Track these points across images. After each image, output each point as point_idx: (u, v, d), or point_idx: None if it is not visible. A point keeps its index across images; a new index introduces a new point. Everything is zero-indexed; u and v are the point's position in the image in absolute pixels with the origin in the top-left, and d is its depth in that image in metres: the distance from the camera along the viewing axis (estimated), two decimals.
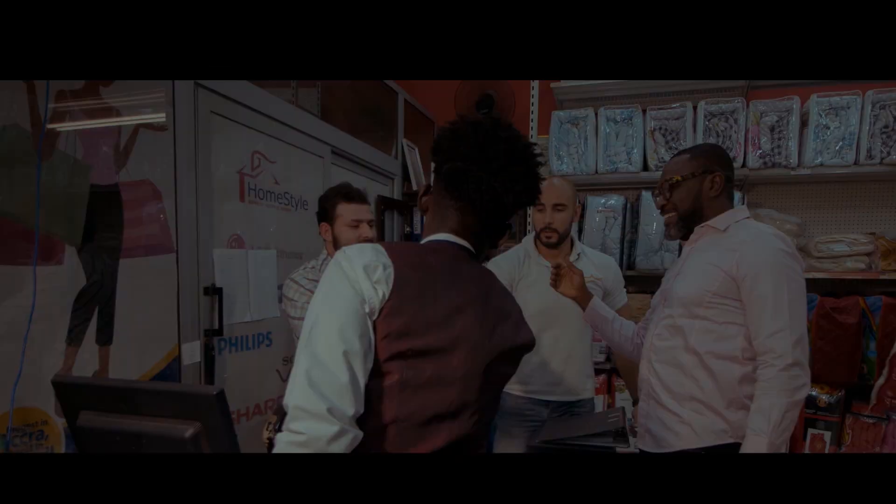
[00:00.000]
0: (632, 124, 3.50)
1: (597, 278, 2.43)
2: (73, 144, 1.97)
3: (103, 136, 2.01)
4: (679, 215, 1.87)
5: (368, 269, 1.01)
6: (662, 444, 1.81)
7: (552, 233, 2.36)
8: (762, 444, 1.57)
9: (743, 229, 1.77)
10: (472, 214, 1.17)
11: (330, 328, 0.96)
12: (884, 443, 3.08)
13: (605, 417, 2.19)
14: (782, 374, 1.59)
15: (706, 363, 1.73)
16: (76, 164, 1.97)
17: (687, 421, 1.75)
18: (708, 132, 3.36)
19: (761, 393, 1.62)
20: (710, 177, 1.81)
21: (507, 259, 2.53)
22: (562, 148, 3.63)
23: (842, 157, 3.16)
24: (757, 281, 1.65)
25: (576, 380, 2.44)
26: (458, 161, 1.13)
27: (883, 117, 3.11)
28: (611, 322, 2.12)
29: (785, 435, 1.60)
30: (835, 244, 3.15)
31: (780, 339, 1.61)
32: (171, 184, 1.95)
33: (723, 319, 1.71)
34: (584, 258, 2.47)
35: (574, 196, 2.39)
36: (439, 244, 1.17)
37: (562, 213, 2.34)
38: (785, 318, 1.61)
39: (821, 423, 3.16)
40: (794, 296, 1.63)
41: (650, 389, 1.87)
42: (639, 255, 3.47)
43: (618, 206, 3.50)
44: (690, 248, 1.88)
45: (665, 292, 1.89)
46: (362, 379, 0.97)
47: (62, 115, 1.95)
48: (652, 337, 1.88)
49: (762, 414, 1.59)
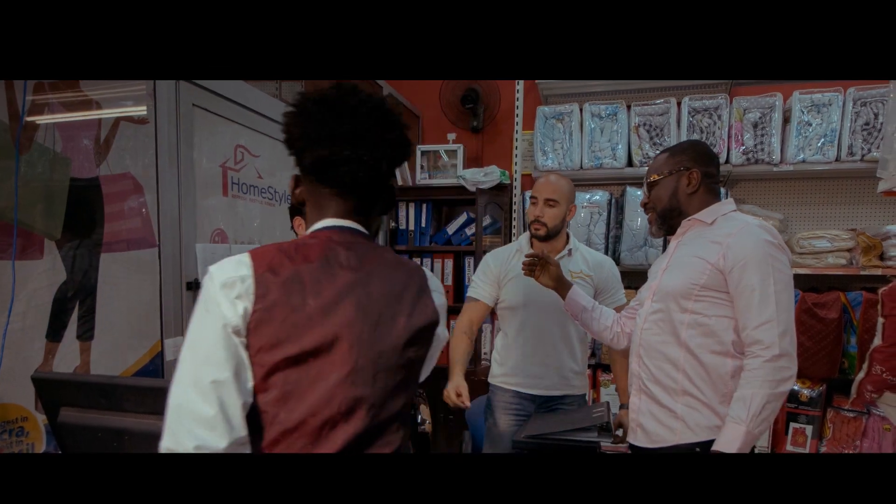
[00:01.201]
0: (616, 120, 3.51)
1: (586, 275, 2.44)
2: (52, 137, 1.94)
3: (83, 128, 1.98)
4: (657, 213, 1.90)
5: (226, 287, 0.96)
6: (655, 439, 1.81)
7: (541, 226, 2.38)
8: (739, 433, 1.59)
9: (729, 221, 1.78)
10: (351, 196, 1.12)
11: (196, 358, 0.93)
12: (864, 436, 3.12)
13: (590, 412, 2.20)
14: (768, 364, 1.60)
15: (698, 357, 1.73)
16: (56, 158, 1.94)
17: (680, 416, 1.76)
18: (692, 128, 3.37)
19: (745, 382, 1.63)
20: (685, 174, 1.83)
21: (499, 253, 2.56)
22: (547, 143, 3.63)
23: (823, 153, 3.19)
24: (744, 272, 1.66)
25: (562, 374, 2.45)
26: (318, 146, 1.05)
27: (864, 114, 3.14)
28: (590, 311, 2.13)
29: (763, 425, 1.61)
30: (816, 240, 3.18)
31: (766, 331, 1.62)
32: (152, 177, 1.93)
33: (712, 313, 1.72)
34: (576, 254, 2.48)
35: (569, 194, 2.40)
36: (315, 234, 1.11)
37: (553, 208, 2.37)
38: (772, 309, 1.62)
39: (802, 417, 3.19)
40: (781, 287, 1.64)
41: (641, 384, 1.88)
42: (623, 250, 3.48)
43: (602, 202, 3.51)
44: (677, 242, 1.89)
45: (653, 286, 1.89)
46: (238, 402, 0.93)
47: (41, 108, 1.92)
48: (641, 331, 1.88)
49: (743, 402, 1.60)
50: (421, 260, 3.94)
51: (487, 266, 2.53)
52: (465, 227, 3.88)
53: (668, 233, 1.93)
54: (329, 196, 1.12)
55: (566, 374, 2.46)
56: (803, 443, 3.19)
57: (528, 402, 2.45)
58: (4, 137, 1.83)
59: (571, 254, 2.47)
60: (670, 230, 1.91)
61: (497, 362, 2.55)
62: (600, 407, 2.22)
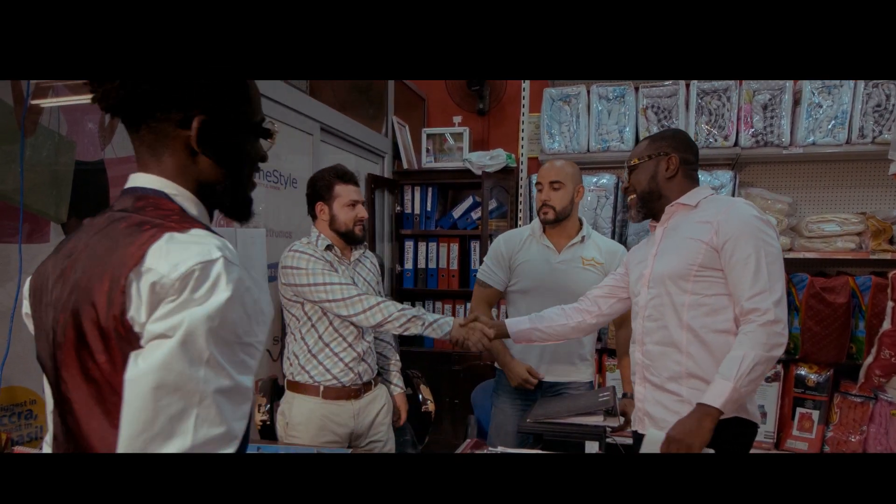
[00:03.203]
0: (624, 102, 3.48)
1: (597, 262, 2.44)
2: (57, 120, 1.93)
3: (88, 111, 1.97)
4: (638, 196, 1.95)
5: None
6: (662, 425, 1.81)
7: (549, 209, 2.39)
8: (727, 388, 1.62)
9: (713, 202, 1.84)
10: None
11: None
12: (871, 421, 3.11)
13: (596, 396, 2.19)
14: (763, 328, 1.64)
15: (702, 337, 1.76)
16: (61, 141, 1.94)
17: (686, 399, 1.77)
18: (700, 110, 3.34)
19: (738, 343, 1.67)
20: (664, 159, 1.89)
21: (511, 237, 2.56)
22: (553, 126, 3.61)
23: (834, 135, 3.16)
24: (736, 246, 1.70)
25: (567, 360, 2.45)
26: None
27: (875, 96, 3.11)
28: (535, 327, 2.20)
29: (751, 386, 1.65)
30: (825, 224, 3.16)
31: (762, 300, 1.66)
32: None
33: (711, 292, 1.76)
34: (588, 241, 2.48)
35: (574, 176, 2.41)
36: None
37: (558, 191, 2.37)
38: (764, 280, 1.67)
39: (809, 402, 3.19)
40: (772, 259, 1.70)
41: (645, 373, 1.89)
42: (630, 234, 3.47)
43: (609, 185, 3.49)
44: (663, 228, 1.93)
45: (646, 273, 1.91)
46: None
47: (45, 91, 1.91)
48: (642, 320, 1.90)
49: (733, 361, 1.64)
50: (427, 244, 3.93)
51: (499, 251, 2.52)
52: (471, 211, 3.87)
53: (647, 216, 1.98)
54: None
55: (574, 361, 2.47)
56: (810, 428, 3.19)
57: (535, 388, 2.45)
58: (9, 120, 1.82)
59: (584, 240, 2.47)
60: (648, 214, 1.97)
61: (503, 345, 2.54)
62: (606, 391, 2.21)
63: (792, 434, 3.21)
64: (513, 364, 2.45)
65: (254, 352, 0.85)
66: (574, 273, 2.41)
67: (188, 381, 0.75)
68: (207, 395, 0.76)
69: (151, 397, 0.74)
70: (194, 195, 0.96)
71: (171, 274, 0.78)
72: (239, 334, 0.81)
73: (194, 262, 0.78)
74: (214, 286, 0.79)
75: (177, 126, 0.92)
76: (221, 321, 0.78)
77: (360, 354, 2.25)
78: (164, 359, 0.75)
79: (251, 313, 0.83)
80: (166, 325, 0.77)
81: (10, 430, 1.85)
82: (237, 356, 0.81)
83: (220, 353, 0.78)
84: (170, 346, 0.75)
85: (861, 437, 3.12)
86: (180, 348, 0.75)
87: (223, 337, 0.79)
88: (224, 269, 0.80)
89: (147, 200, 0.91)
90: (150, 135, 0.93)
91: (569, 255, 2.44)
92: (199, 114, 0.92)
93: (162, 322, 0.77)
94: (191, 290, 0.78)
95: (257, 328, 0.85)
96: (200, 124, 0.92)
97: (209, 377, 0.77)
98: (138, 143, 0.95)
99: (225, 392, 0.79)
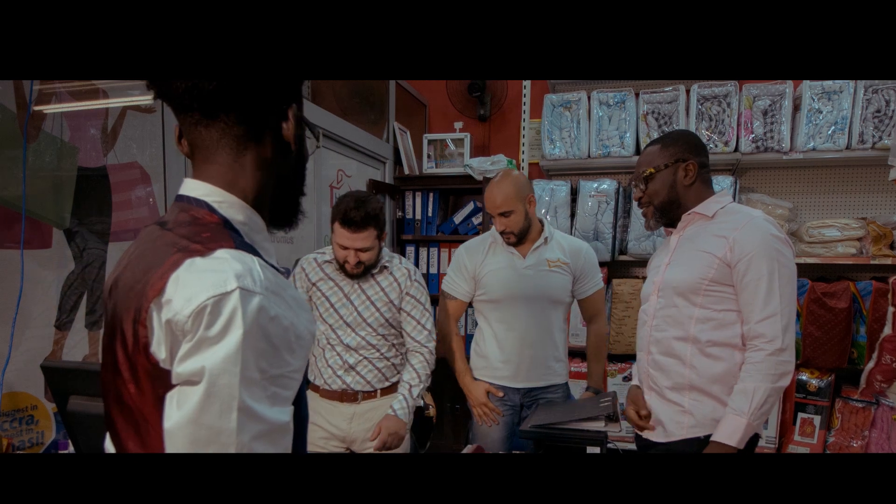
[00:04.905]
0: (624, 108, 3.48)
1: (563, 262, 2.42)
2: (59, 126, 1.94)
3: (90, 117, 1.98)
4: (656, 207, 1.87)
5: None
6: (665, 433, 1.82)
7: (509, 235, 2.36)
8: (740, 425, 1.61)
9: (731, 214, 1.78)
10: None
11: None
12: (873, 427, 3.10)
13: (597, 402, 2.20)
14: (771, 358, 1.62)
15: (706, 351, 1.74)
16: (63, 147, 1.95)
17: (688, 410, 1.76)
18: (701, 116, 3.35)
19: (747, 375, 1.64)
20: (682, 165, 1.81)
21: (472, 246, 2.52)
22: (554, 132, 3.61)
23: (834, 141, 3.16)
24: (750, 266, 1.66)
25: (543, 364, 2.45)
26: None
27: (875, 101, 3.11)
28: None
29: (762, 418, 1.64)
30: (826, 229, 3.16)
31: (770, 324, 1.63)
32: (160, 167, 1.93)
33: (720, 307, 1.72)
34: (551, 242, 2.45)
35: (520, 193, 2.32)
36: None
37: (510, 216, 2.32)
38: (776, 303, 1.63)
39: (810, 407, 3.18)
40: (785, 281, 1.65)
41: (651, 382, 1.88)
42: (631, 239, 3.47)
43: (610, 191, 3.49)
44: (679, 237, 1.88)
45: (657, 281, 1.88)
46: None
47: (48, 97, 1.92)
48: (651, 329, 1.88)
49: (745, 395, 1.62)
50: (428, 249, 3.93)
51: (463, 262, 2.48)
52: (472, 217, 3.87)
53: (667, 225, 1.91)
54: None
55: (549, 364, 2.46)
56: (811, 433, 3.18)
57: (513, 393, 2.45)
58: (12, 126, 1.83)
59: (547, 241, 2.44)
60: (668, 223, 1.90)
61: (478, 354, 2.53)
62: (607, 397, 2.21)
63: (793, 439, 3.21)
64: (472, 386, 2.44)
65: (287, 382, 0.81)
66: (541, 277, 2.39)
67: (220, 433, 0.73)
68: (244, 444, 0.74)
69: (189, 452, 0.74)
70: (246, 202, 0.91)
71: (183, 310, 0.74)
72: (264, 369, 0.76)
73: (206, 297, 0.73)
74: (229, 323, 0.74)
75: (247, 125, 0.90)
76: (244, 361, 0.73)
77: (350, 365, 2.24)
78: (193, 411, 0.72)
79: (279, 343, 0.78)
80: (190, 370, 0.73)
81: (11, 436, 1.85)
82: (268, 391, 0.77)
83: (248, 396, 0.74)
84: (197, 396, 0.72)
85: (863, 442, 3.11)
86: (207, 399, 0.72)
87: (248, 377, 0.74)
88: (240, 303, 0.74)
89: (188, 213, 0.87)
90: (209, 135, 0.89)
91: (534, 259, 2.40)
92: (290, 107, 0.93)
93: (185, 365, 0.74)
94: (205, 327, 0.73)
95: (290, 356, 0.80)
96: (293, 118, 0.93)
97: (242, 425, 0.74)
98: (196, 144, 0.91)
99: (261, 436, 0.76)
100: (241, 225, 0.90)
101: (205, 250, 0.79)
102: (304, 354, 0.84)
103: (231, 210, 0.89)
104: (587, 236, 3.49)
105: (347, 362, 2.24)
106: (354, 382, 2.25)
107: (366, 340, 2.23)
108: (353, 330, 2.23)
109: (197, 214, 0.87)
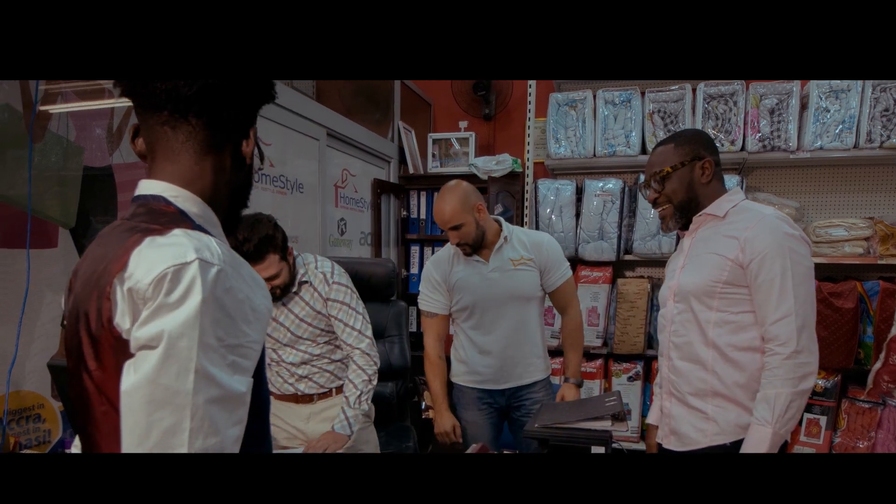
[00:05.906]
0: (630, 107, 3.47)
1: (526, 259, 2.40)
2: (65, 126, 1.94)
3: (96, 117, 1.99)
4: (675, 206, 1.82)
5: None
6: (687, 441, 1.79)
7: (465, 247, 2.34)
8: (766, 435, 1.56)
9: (742, 213, 1.74)
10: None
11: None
12: (879, 427, 3.09)
13: (603, 401, 2.19)
14: (787, 362, 1.57)
15: (728, 356, 1.69)
16: (69, 146, 1.95)
17: (712, 417, 1.72)
18: (707, 115, 3.33)
19: (766, 381, 1.60)
20: (699, 163, 1.77)
21: (438, 261, 2.49)
22: (559, 131, 3.60)
23: (841, 140, 3.14)
24: (762, 266, 1.62)
25: (522, 364, 2.44)
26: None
27: (883, 100, 3.09)
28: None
29: (790, 424, 1.58)
30: (833, 229, 3.14)
31: (784, 326, 1.58)
32: None
33: (738, 309, 1.69)
34: (512, 240, 2.42)
35: (466, 206, 2.27)
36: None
37: (461, 229, 2.29)
38: (790, 304, 1.58)
39: (816, 407, 3.17)
40: (799, 280, 1.60)
41: (672, 388, 1.85)
42: (636, 239, 3.45)
43: (616, 190, 3.48)
44: (691, 239, 1.85)
45: (672, 286, 1.85)
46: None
47: (54, 97, 1.92)
48: (669, 334, 1.85)
49: (767, 403, 1.57)
50: (432, 248, 3.93)
51: (432, 277, 2.46)
52: None
53: (684, 227, 1.86)
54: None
55: (530, 361, 2.44)
56: (817, 434, 3.17)
57: (497, 395, 2.45)
58: (18, 126, 1.83)
59: (508, 241, 2.41)
60: (687, 223, 1.85)
61: (459, 360, 2.52)
62: (612, 396, 2.20)
63: (799, 440, 3.20)
64: (443, 417, 2.40)
65: (247, 352, 0.83)
66: (508, 278, 2.37)
67: (176, 394, 0.74)
68: (199, 406, 0.75)
69: (144, 412, 0.74)
70: (201, 198, 0.94)
71: (144, 279, 0.76)
72: (221, 337, 0.78)
73: (166, 266, 0.76)
74: (189, 290, 0.76)
75: (213, 131, 0.93)
76: (202, 327, 0.76)
77: (300, 376, 2.24)
78: (151, 372, 0.74)
79: (235, 314, 0.81)
80: (148, 335, 0.75)
81: (18, 434, 1.86)
82: (226, 359, 0.79)
83: (206, 360, 0.76)
84: (155, 358, 0.74)
85: (869, 442, 3.10)
86: (165, 360, 0.74)
87: (206, 342, 0.76)
88: (199, 272, 0.77)
89: (145, 206, 0.90)
90: (175, 136, 0.91)
91: (497, 261, 2.38)
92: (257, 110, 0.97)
93: (144, 330, 0.76)
94: (165, 293, 0.76)
95: (247, 327, 0.83)
96: (253, 137, 0.98)
97: (198, 388, 0.75)
98: (158, 144, 0.92)
99: (216, 401, 0.77)
100: (197, 217, 0.92)
101: (164, 230, 0.83)
102: (261, 328, 0.86)
103: (187, 203, 0.91)
104: (592, 235, 3.48)
105: (296, 374, 2.24)
106: (307, 388, 2.25)
107: (308, 353, 2.22)
108: (293, 348, 2.21)
109: (154, 206, 0.90)
